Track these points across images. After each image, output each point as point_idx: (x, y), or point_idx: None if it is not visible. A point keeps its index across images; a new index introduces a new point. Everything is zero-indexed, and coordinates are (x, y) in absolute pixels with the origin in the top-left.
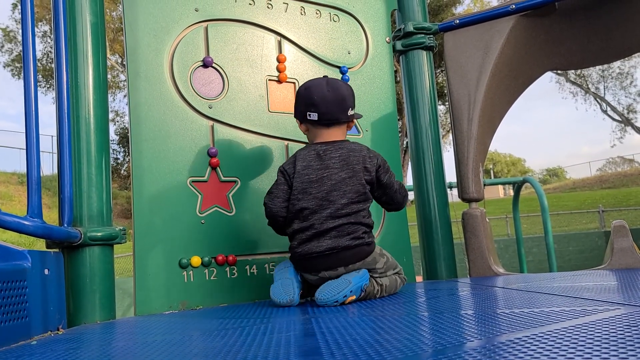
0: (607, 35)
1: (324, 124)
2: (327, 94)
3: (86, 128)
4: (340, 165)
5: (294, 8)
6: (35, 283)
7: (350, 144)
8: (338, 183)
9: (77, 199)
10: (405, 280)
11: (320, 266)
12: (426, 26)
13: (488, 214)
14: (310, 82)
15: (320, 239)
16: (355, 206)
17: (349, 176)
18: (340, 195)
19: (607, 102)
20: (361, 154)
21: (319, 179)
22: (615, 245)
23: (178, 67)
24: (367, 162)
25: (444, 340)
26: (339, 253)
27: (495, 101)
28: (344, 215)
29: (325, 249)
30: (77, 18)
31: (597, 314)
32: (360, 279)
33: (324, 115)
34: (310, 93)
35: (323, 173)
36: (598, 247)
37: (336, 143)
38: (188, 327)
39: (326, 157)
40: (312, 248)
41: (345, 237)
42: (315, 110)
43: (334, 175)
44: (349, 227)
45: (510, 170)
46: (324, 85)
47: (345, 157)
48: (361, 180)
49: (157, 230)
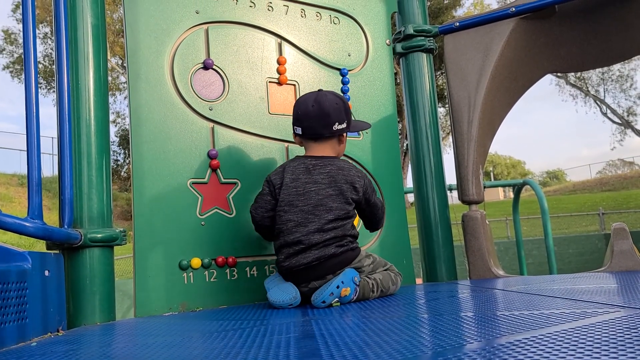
0: (607, 38)
1: (309, 138)
2: (311, 109)
3: (87, 130)
4: (328, 181)
5: (294, 10)
6: (35, 284)
7: (339, 162)
8: (325, 199)
9: (78, 200)
10: (400, 275)
11: (309, 277)
12: (426, 29)
13: (488, 216)
14: (302, 97)
15: (306, 252)
16: (340, 222)
17: (335, 193)
18: (326, 210)
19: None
20: (350, 172)
21: (306, 193)
22: (615, 247)
23: (179, 69)
24: (355, 181)
25: (443, 342)
26: (326, 262)
27: (495, 103)
28: (329, 229)
29: (312, 260)
30: (78, 20)
31: (597, 317)
32: (349, 272)
33: (307, 130)
34: (297, 108)
35: (311, 187)
36: (598, 250)
37: (326, 159)
38: (188, 329)
39: (315, 172)
40: (299, 260)
41: (330, 247)
42: (299, 125)
43: (322, 191)
44: (335, 239)
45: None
46: (311, 101)
47: (334, 174)
48: (347, 199)
49: (157, 232)
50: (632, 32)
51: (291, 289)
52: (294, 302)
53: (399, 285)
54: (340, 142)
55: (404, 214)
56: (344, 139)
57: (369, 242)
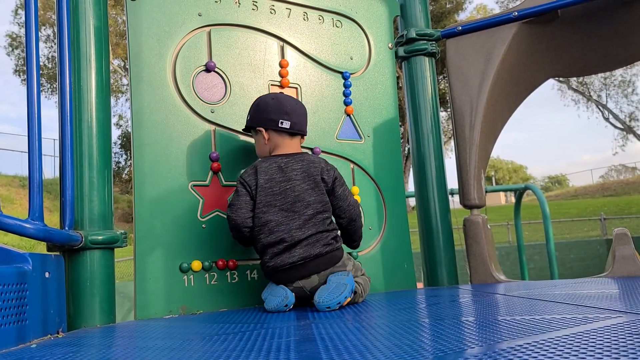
0: (610, 42)
1: (291, 134)
2: (296, 106)
3: (88, 131)
4: (302, 177)
5: (296, 13)
6: (35, 286)
7: (309, 156)
8: (301, 194)
9: (79, 202)
10: (370, 279)
11: (294, 276)
12: (429, 32)
13: (489, 220)
14: (274, 94)
15: (291, 250)
16: (320, 216)
17: (311, 187)
18: (305, 205)
19: (610, 110)
20: (320, 165)
21: (283, 191)
22: (617, 253)
23: (181, 72)
24: (324, 173)
25: (444, 347)
26: (311, 261)
27: (497, 108)
28: (311, 225)
29: (298, 259)
30: (81, 21)
31: (599, 322)
32: (351, 280)
33: (295, 125)
34: (281, 103)
35: (286, 185)
36: (599, 255)
37: (296, 155)
38: (188, 332)
39: (288, 170)
40: (284, 260)
41: (316, 245)
42: (288, 118)
43: (297, 187)
44: (318, 235)
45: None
46: (290, 99)
47: (306, 168)
48: (322, 190)
49: (158, 234)
50: (634, 37)
51: (281, 291)
52: (288, 302)
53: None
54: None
55: (406, 218)
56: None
57: (370, 247)
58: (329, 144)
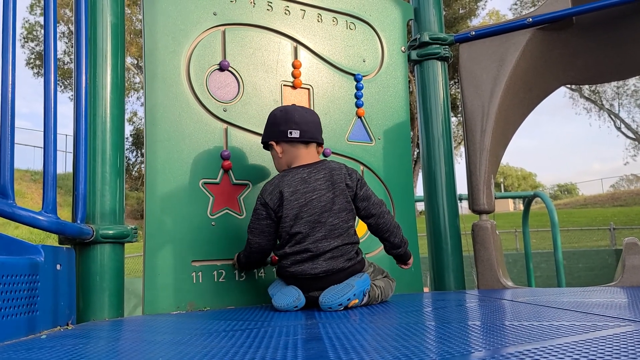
0: (624, 50)
1: (304, 142)
2: (306, 114)
3: (102, 127)
4: (327, 185)
5: (311, 15)
6: (47, 278)
7: (329, 164)
8: (327, 204)
9: (91, 196)
10: (394, 281)
11: (312, 287)
12: (442, 37)
13: (497, 227)
14: (284, 107)
15: (315, 261)
16: (345, 225)
17: (336, 195)
18: (332, 215)
19: (622, 119)
20: (342, 172)
21: (308, 202)
22: (626, 262)
23: (194, 70)
24: (347, 179)
25: (451, 349)
26: (333, 275)
27: (509, 113)
28: (337, 235)
29: (320, 272)
30: (98, 18)
31: (608, 330)
32: (362, 283)
33: (305, 133)
34: (289, 114)
35: (312, 196)
36: (608, 265)
37: (317, 164)
38: (195, 328)
39: (311, 180)
40: (306, 270)
41: (339, 259)
42: (297, 127)
43: (323, 197)
44: (343, 248)
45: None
46: (300, 108)
47: (329, 176)
48: (347, 198)
49: (168, 231)
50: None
51: (294, 292)
52: (298, 304)
53: (393, 291)
54: (319, 152)
55: (414, 221)
56: (320, 151)
57: (376, 249)
58: (340, 145)
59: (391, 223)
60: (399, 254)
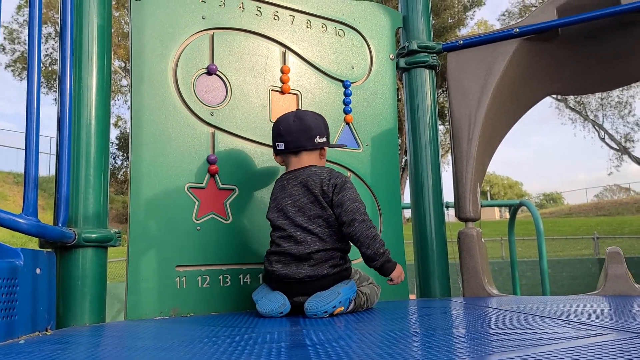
0: (610, 62)
1: (292, 152)
2: (293, 124)
3: (87, 129)
4: (302, 191)
5: (300, 21)
6: (26, 282)
7: (311, 169)
8: (302, 209)
9: (74, 199)
10: (380, 288)
11: (296, 291)
12: (430, 45)
13: (483, 235)
14: (280, 117)
15: (299, 265)
16: (326, 230)
17: (310, 201)
18: (307, 221)
19: (606, 130)
20: (319, 177)
21: (283, 208)
22: (609, 271)
23: (182, 73)
24: (323, 184)
25: (435, 357)
26: (317, 281)
27: (496, 122)
28: (316, 240)
29: (304, 277)
30: (84, 20)
31: (590, 338)
32: (349, 290)
33: (290, 144)
34: (278, 125)
35: (287, 201)
36: (591, 274)
37: (299, 170)
38: (178, 333)
39: (289, 187)
40: (290, 274)
41: (324, 265)
42: (281, 140)
43: (297, 202)
44: (326, 253)
45: (507, 193)
46: (291, 117)
47: (305, 182)
48: (322, 204)
49: (152, 235)
50: (634, 58)
51: (280, 297)
52: (283, 310)
53: (378, 298)
54: (321, 157)
55: (401, 228)
56: (324, 154)
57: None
58: (327, 151)
59: (362, 233)
60: (373, 267)
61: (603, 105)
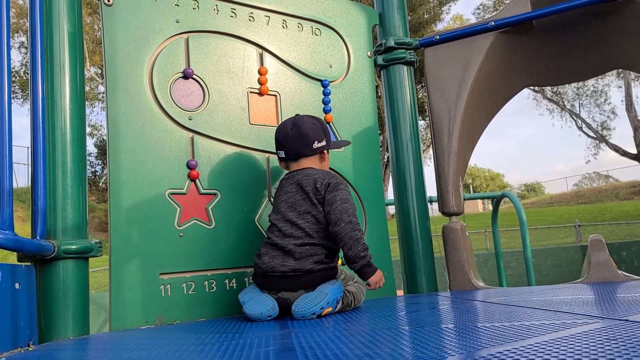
0: (583, 53)
1: (292, 159)
2: (290, 132)
3: (62, 139)
4: (296, 189)
5: (275, 21)
6: (5, 297)
7: (307, 170)
8: (293, 205)
9: (51, 211)
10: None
11: (281, 286)
12: (407, 41)
13: (467, 228)
14: (280, 124)
15: (285, 258)
16: (314, 227)
17: (302, 198)
18: (296, 216)
19: (583, 119)
20: (314, 177)
21: (279, 205)
22: (592, 259)
23: (158, 78)
24: (316, 182)
25: (424, 354)
26: (301, 276)
27: (475, 116)
28: (303, 235)
29: (289, 270)
30: (54, 27)
31: (577, 327)
32: (336, 290)
33: (289, 152)
34: (277, 134)
35: (282, 198)
36: (575, 262)
37: (297, 171)
38: (164, 343)
39: (286, 185)
40: (275, 266)
41: (308, 260)
42: (281, 148)
43: (290, 199)
44: (310, 248)
45: (490, 185)
46: (289, 124)
47: (299, 181)
48: (313, 200)
49: (134, 243)
50: (607, 48)
51: (268, 300)
52: (272, 314)
53: (365, 296)
54: (322, 160)
55: (385, 225)
56: (326, 157)
57: None
58: None
59: (347, 234)
60: (353, 269)
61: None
